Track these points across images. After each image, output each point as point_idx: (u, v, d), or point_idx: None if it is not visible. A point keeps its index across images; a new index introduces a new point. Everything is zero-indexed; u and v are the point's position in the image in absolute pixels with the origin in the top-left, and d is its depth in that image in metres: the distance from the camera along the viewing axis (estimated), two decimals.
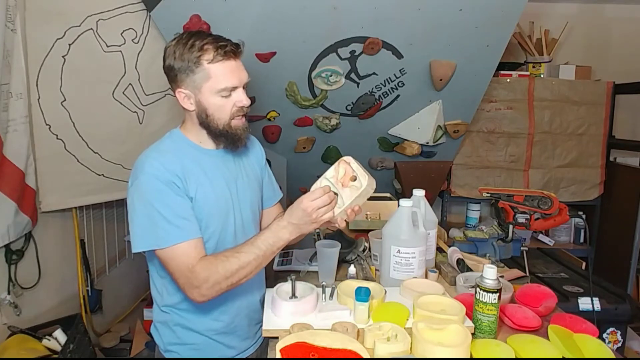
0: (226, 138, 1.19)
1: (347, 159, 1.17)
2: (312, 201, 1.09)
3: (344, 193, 1.14)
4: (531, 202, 1.59)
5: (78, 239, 2.29)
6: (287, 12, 1.91)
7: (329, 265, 1.41)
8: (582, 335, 1.09)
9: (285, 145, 2.69)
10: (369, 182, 1.12)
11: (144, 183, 1.11)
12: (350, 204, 1.13)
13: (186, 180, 1.14)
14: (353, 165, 1.16)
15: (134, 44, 2.04)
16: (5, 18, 1.67)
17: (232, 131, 1.18)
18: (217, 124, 1.17)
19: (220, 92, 1.14)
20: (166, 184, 1.11)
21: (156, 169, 1.11)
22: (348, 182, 1.15)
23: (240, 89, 1.17)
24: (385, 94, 2.35)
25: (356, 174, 1.14)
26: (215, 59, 1.11)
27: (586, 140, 2.91)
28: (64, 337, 1.83)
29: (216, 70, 1.12)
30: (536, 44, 2.95)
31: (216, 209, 1.19)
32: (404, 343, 0.99)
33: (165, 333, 1.26)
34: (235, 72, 1.15)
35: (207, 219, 1.17)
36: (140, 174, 1.11)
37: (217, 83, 1.13)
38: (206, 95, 1.14)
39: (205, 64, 1.11)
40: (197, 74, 1.12)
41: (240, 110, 1.18)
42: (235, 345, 1.29)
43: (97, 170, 2.18)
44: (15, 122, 1.81)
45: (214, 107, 1.15)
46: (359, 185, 1.13)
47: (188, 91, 1.15)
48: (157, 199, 1.10)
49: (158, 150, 1.17)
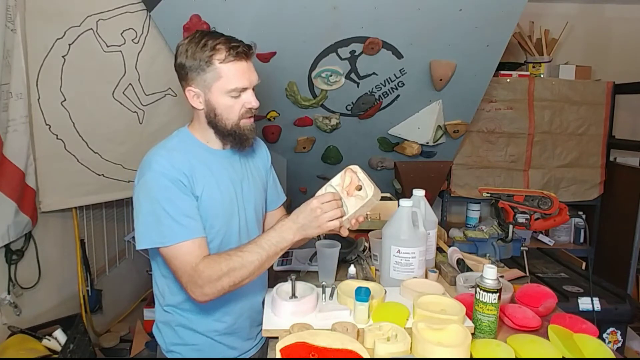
0: (234, 138, 1.20)
1: (354, 167, 1.16)
2: (321, 203, 1.09)
3: (349, 202, 1.13)
4: (531, 202, 1.59)
5: (78, 239, 2.29)
6: (287, 12, 1.91)
7: (329, 265, 1.41)
8: (582, 335, 1.09)
9: (285, 145, 2.69)
10: (374, 192, 1.11)
11: (150, 180, 1.11)
12: (355, 213, 1.12)
13: (193, 179, 1.14)
14: (359, 174, 1.15)
15: (134, 44, 2.04)
16: (5, 18, 1.67)
17: (240, 131, 1.19)
18: (225, 124, 1.17)
19: (230, 92, 1.14)
20: (173, 181, 1.11)
21: (163, 166, 1.11)
22: (353, 191, 1.14)
23: (249, 90, 1.17)
24: (385, 94, 2.35)
25: (362, 184, 1.13)
26: (227, 59, 1.12)
27: (586, 140, 2.91)
28: (64, 337, 1.83)
29: (227, 70, 1.12)
30: (536, 44, 2.95)
31: (221, 209, 1.19)
32: (404, 343, 0.99)
33: (168, 333, 1.26)
34: (246, 74, 1.15)
35: (212, 219, 1.17)
36: (148, 171, 1.12)
37: (228, 83, 1.13)
38: (216, 95, 1.15)
39: (217, 63, 1.12)
40: (207, 73, 1.13)
41: (249, 112, 1.18)
42: (237, 346, 1.29)
43: (97, 170, 2.18)
44: (15, 122, 1.81)
45: (223, 107, 1.16)
46: (364, 195, 1.12)
47: (198, 90, 1.16)
48: (163, 196, 1.10)
49: (166, 148, 1.17)
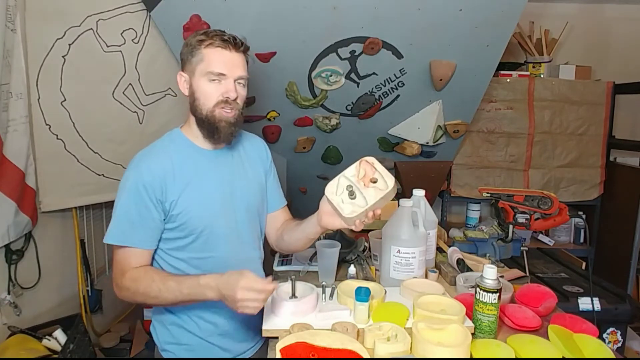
0: (206, 128, 1.19)
1: (369, 159, 1.11)
2: (247, 291, 1.00)
3: (367, 193, 1.07)
4: (531, 202, 1.59)
5: (78, 239, 2.29)
6: (287, 12, 1.91)
7: (329, 265, 1.41)
8: (582, 335, 1.09)
9: (285, 145, 2.69)
10: (394, 184, 1.06)
11: (125, 180, 1.16)
12: (374, 205, 1.06)
13: (169, 184, 1.16)
14: (377, 165, 1.10)
15: (134, 44, 2.04)
16: (5, 18, 1.67)
17: (214, 120, 1.18)
18: (201, 110, 1.18)
19: (207, 74, 1.16)
20: (145, 187, 1.14)
21: (141, 169, 1.15)
22: (369, 183, 1.09)
23: (230, 80, 1.17)
24: (385, 94, 2.35)
25: (380, 175, 1.08)
26: (213, 44, 1.16)
27: (586, 140, 2.91)
28: (64, 337, 1.83)
29: (210, 54, 1.16)
30: (536, 44, 2.95)
31: (204, 210, 1.19)
32: (404, 343, 0.99)
33: (162, 331, 1.27)
34: (228, 62, 1.17)
35: (194, 220, 1.18)
36: (128, 169, 1.17)
37: (207, 65, 1.16)
38: (197, 78, 1.18)
39: (203, 48, 1.16)
40: (194, 57, 1.18)
41: (225, 102, 1.17)
42: (230, 348, 1.28)
43: (97, 170, 2.18)
44: (15, 122, 1.81)
45: (201, 92, 1.18)
46: (383, 187, 1.07)
47: (186, 74, 1.20)
48: (130, 198, 1.14)
49: (150, 150, 1.21)
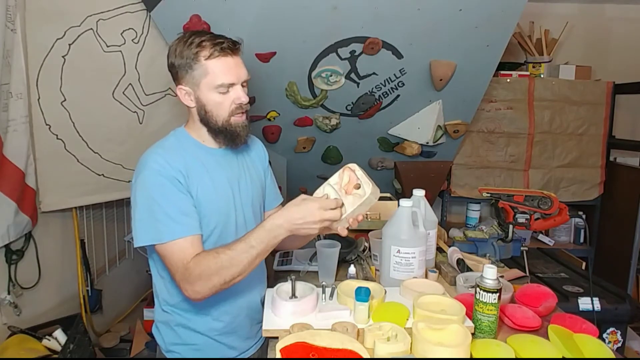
0: (225, 135, 1.20)
1: (352, 166, 1.15)
2: (325, 211, 1.06)
3: (346, 201, 1.11)
4: (531, 202, 1.59)
5: (78, 239, 2.29)
6: (287, 12, 1.91)
7: (329, 265, 1.41)
8: (582, 335, 1.09)
9: (285, 145, 2.69)
10: (372, 190, 1.09)
11: (147, 178, 1.12)
12: (352, 212, 1.10)
13: (189, 177, 1.15)
14: (358, 172, 1.13)
15: (134, 44, 2.04)
16: (5, 18, 1.67)
17: (232, 128, 1.19)
18: (216, 121, 1.18)
19: (217, 88, 1.15)
20: (169, 179, 1.12)
21: (160, 164, 1.12)
22: (352, 190, 1.12)
23: (238, 86, 1.17)
24: (385, 94, 2.35)
25: (360, 182, 1.11)
26: (213, 55, 1.13)
27: (586, 140, 2.91)
28: (64, 337, 1.83)
29: (213, 66, 1.13)
30: (536, 44, 2.95)
31: (217, 208, 1.20)
32: (404, 343, 0.99)
33: (167, 333, 1.26)
34: (232, 69, 1.15)
35: (207, 217, 1.17)
36: (144, 169, 1.13)
37: (215, 79, 1.14)
38: (204, 92, 1.16)
39: (203, 60, 1.13)
40: (195, 70, 1.14)
41: (239, 108, 1.18)
42: (237, 346, 1.29)
43: (97, 170, 2.18)
44: (15, 122, 1.81)
45: (212, 104, 1.16)
46: (362, 194, 1.10)
47: (188, 88, 1.17)
48: (159, 193, 1.11)
49: (162, 147, 1.19)
